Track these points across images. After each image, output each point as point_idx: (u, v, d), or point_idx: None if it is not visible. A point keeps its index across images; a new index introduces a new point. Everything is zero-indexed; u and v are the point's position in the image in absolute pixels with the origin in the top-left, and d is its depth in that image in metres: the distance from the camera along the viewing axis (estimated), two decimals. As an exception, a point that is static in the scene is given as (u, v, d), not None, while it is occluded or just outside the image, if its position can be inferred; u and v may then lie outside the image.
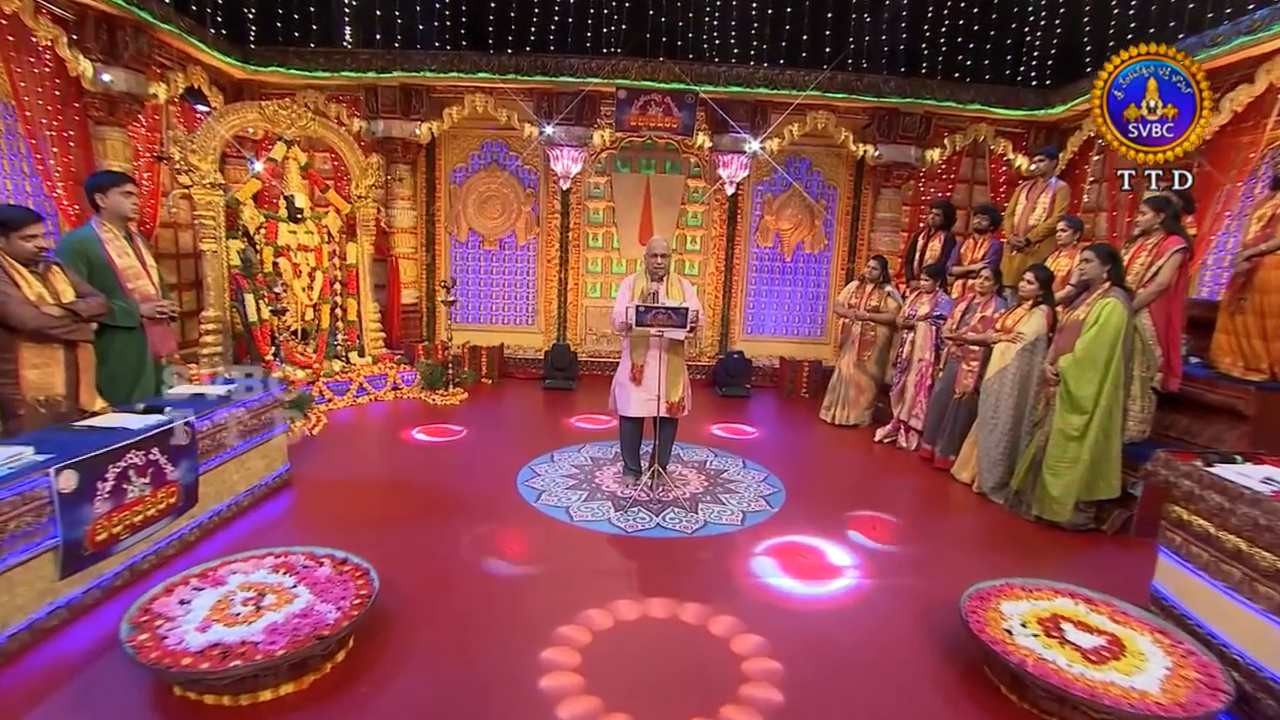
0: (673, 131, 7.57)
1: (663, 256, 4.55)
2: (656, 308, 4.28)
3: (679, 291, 4.64)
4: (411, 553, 3.69)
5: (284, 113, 6.40)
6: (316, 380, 6.49)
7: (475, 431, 5.74)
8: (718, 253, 8.47)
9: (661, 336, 4.42)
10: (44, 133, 5.32)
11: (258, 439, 4.24)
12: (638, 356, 4.59)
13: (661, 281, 4.58)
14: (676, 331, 4.39)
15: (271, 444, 4.40)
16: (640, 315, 4.29)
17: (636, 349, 4.59)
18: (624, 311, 4.41)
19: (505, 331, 8.53)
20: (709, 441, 5.99)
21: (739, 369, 7.89)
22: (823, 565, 3.79)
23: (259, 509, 4.19)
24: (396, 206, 7.91)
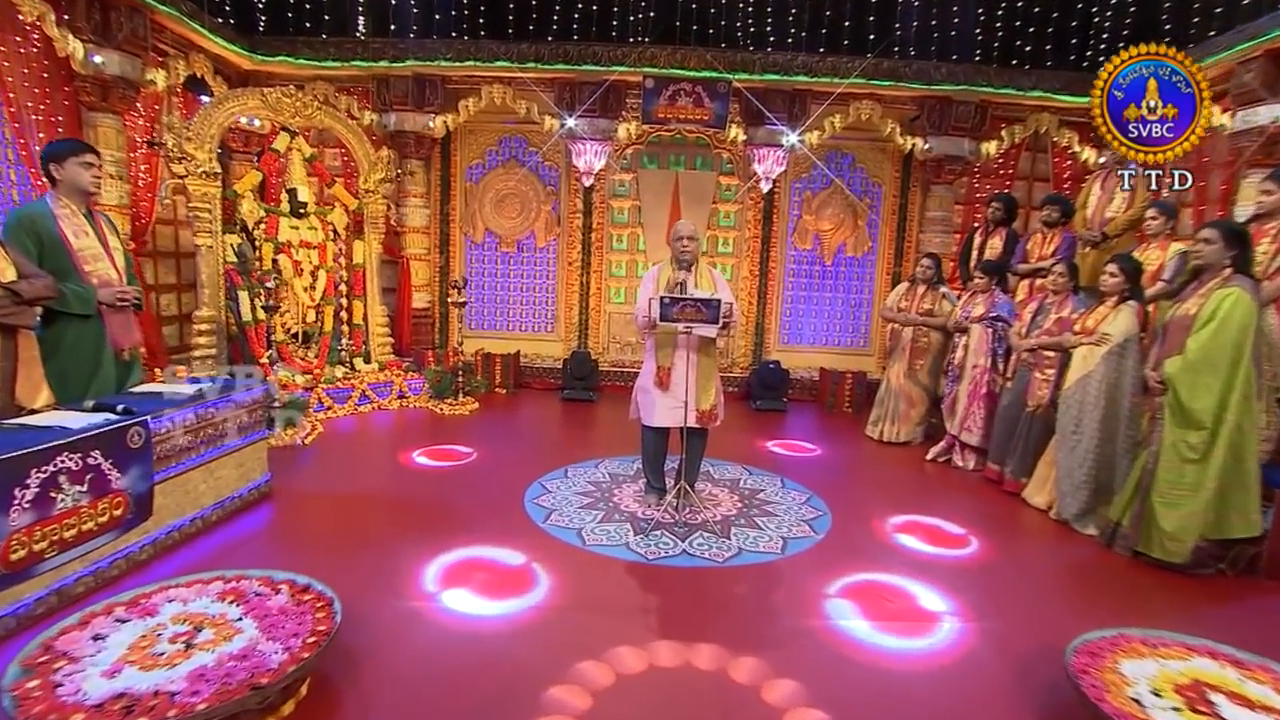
0: (704, 124, 7.12)
1: (690, 239, 4.06)
2: (685, 299, 3.78)
3: (709, 282, 4.14)
4: (393, 580, 3.20)
5: (288, 101, 6.08)
6: (316, 386, 6.10)
7: (485, 451, 5.18)
8: (752, 256, 7.97)
9: (690, 334, 3.91)
10: (30, 117, 5.04)
11: (231, 445, 3.82)
12: (663, 357, 4.09)
13: (690, 270, 4.08)
14: (707, 328, 3.88)
15: (248, 451, 3.97)
16: (665, 309, 3.78)
17: (662, 349, 4.09)
18: (647, 305, 3.91)
19: (522, 339, 8.11)
20: (742, 458, 5.44)
21: (775, 381, 7.33)
22: (884, 604, 3.21)
23: (230, 524, 3.75)
24: (408, 205, 7.57)
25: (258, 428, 4.08)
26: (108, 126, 5.49)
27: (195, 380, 4.00)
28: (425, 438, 5.56)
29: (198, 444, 3.55)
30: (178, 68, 6.06)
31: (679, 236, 4.07)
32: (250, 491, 3.99)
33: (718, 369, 4.27)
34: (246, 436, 3.97)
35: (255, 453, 4.05)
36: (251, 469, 4.01)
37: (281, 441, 5.13)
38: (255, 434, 4.04)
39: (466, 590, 3.15)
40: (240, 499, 3.90)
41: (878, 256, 8.04)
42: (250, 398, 3.99)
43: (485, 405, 6.82)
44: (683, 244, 4.05)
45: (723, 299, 3.81)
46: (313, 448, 5.22)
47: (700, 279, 4.14)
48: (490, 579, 3.28)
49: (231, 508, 3.82)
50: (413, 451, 5.08)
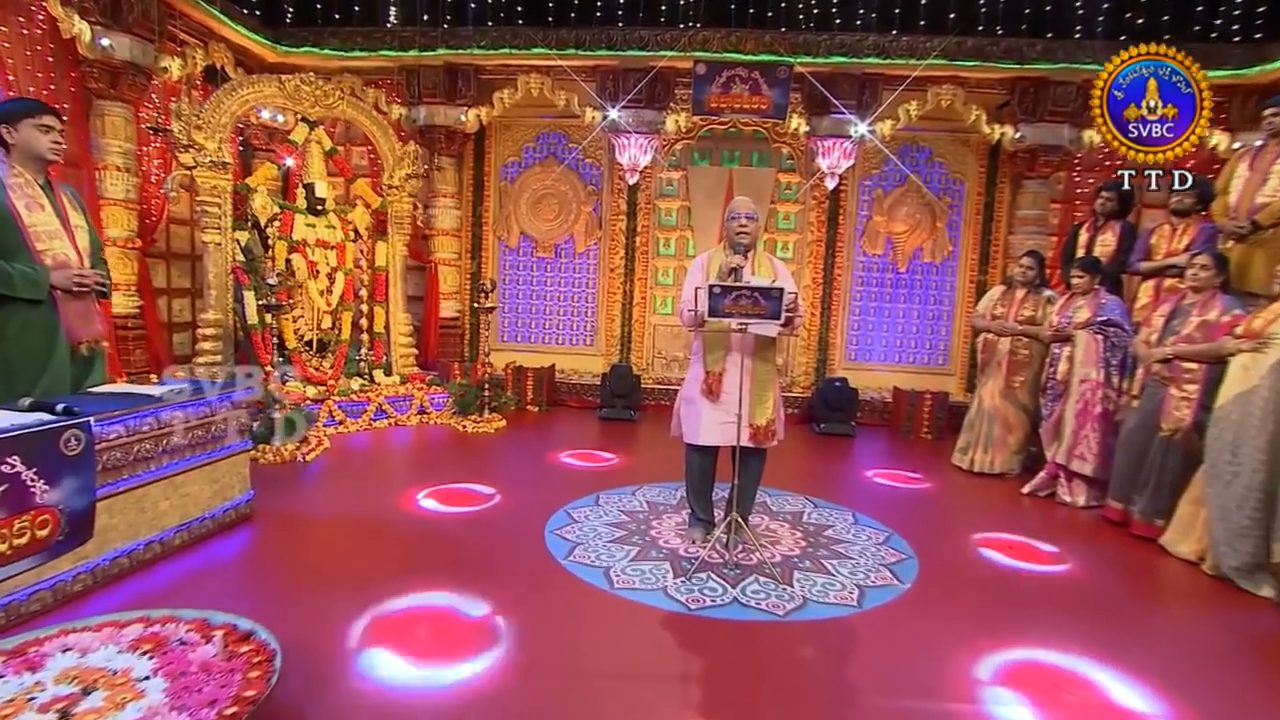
0: (761, 114, 6.60)
1: (749, 219, 3.49)
2: (739, 288, 3.18)
3: (769, 270, 3.56)
4: (371, 628, 2.65)
5: (307, 89, 5.82)
6: (327, 398, 5.70)
7: (506, 482, 4.48)
8: (815, 262, 7.34)
9: (745, 332, 3.31)
10: (29, 101, 4.82)
11: (202, 457, 3.37)
12: (713, 361, 3.50)
13: (746, 257, 3.50)
14: (766, 325, 3.27)
15: (225, 465, 3.52)
16: (715, 300, 3.19)
17: (711, 351, 3.51)
18: (694, 296, 3.34)
19: (559, 352, 7.65)
20: (805, 486, 4.77)
21: (842, 402, 6.64)
22: (1056, 693, 2.50)
23: (196, 550, 3.28)
24: (438, 205, 7.24)
25: (239, 438, 3.63)
26: (116, 115, 5.29)
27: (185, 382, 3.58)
28: (439, 464, 5.06)
29: (158, 453, 3.10)
30: (195, 57, 5.85)
31: (735, 215, 3.51)
32: (226, 512, 3.53)
33: (778, 378, 3.64)
34: (224, 448, 3.52)
35: (234, 467, 3.60)
36: (229, 486, 3.56)
37: (280, 457, 4.71)
38: (235, 445, 3.60)
39: (461, 645, 2.58)
40: (213, 520, 3.44)
41: (959, 262, 7.29)
42: (230, 401, 3.55)
43: (514, 423, 6.33)
44: (740, 224, 3.49)
45: (785, 288, 3.20)
46: (315, 465, 4.78)
47: (758, 267, 3.57)
48: (487, 628, 2.70)
49: (200, 531, 3.36)
50: (418, 492, 4.21)
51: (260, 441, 4.77)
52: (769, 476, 3.92)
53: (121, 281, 5.34)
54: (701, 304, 3.25)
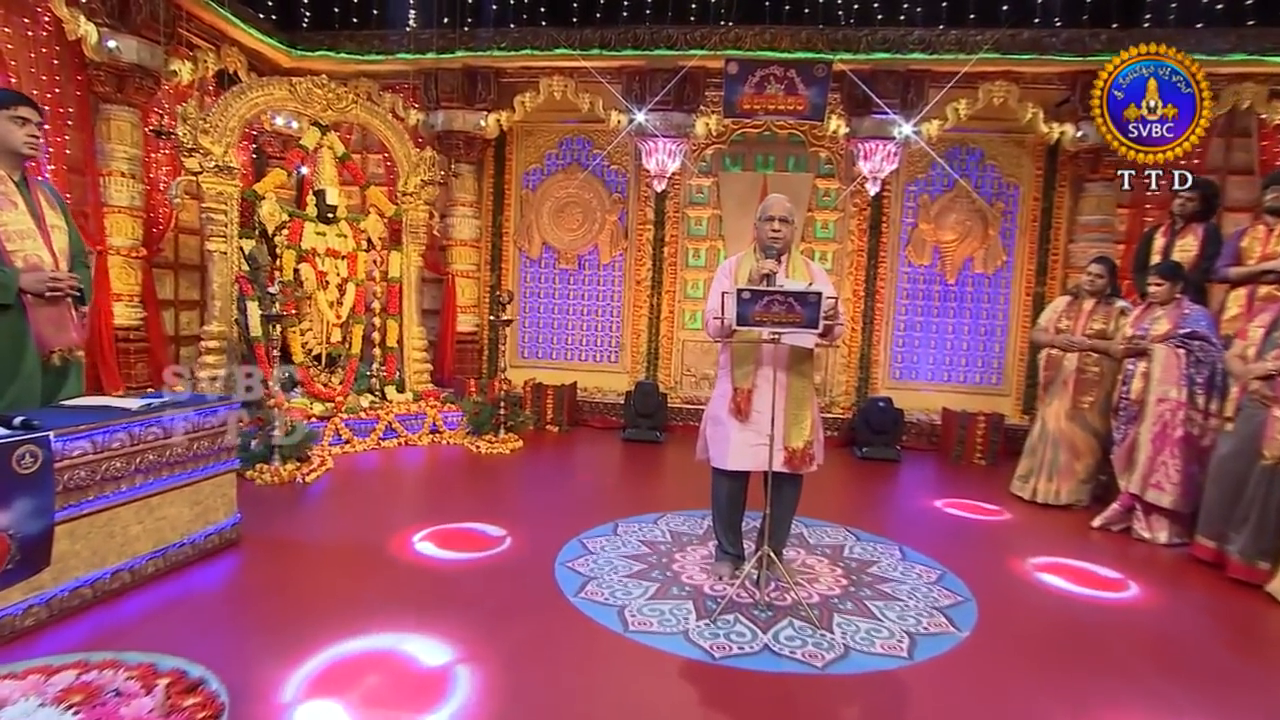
0: (798, 115, 6.34)
1: (783, 221, 3.23)
2: (771, 293, 2.90)
3: (805, 274, 3.29)
4: (333, 676, 2.39)
5: (319, 92, 5.71)
6: (334, 416, 5.53)
7: (518, 525, 3.98)
8: (856, 273, 7.02)
9: (778, 342, 3.02)
10: (33, 105, 4.77)
11: (182, 476, 3.18)
12: (741, 376, 3.22)
13: (780, 261, 3.22)
14: (802, 335, 2.99)
15: (209, 486, 3.33)
16: (745, 306, 2.92)
17: (740, 364, 3.23)
18: (720, 303, 3.07)
19: (582, 369, 7.42)
20: (846, 516, 4.42)
21: (885, 423, 6.27)
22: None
23: (171, 579, 3.08)
24: (456, 214, 7.11)
25: (225, 456, 3.44)
26: (122, 120, 5.23)
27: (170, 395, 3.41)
28: (445, 493, 4.85)
29: (131, 472, 2.91)
30: (207, 61, 5.81)
31: (768, 216, 3.24)
32: (208, 537, 3.32)
33: (815, 394, 3.34)
34: (209, 466, 3.33)
35: (219, 488, 3.40)
36: (212, 508, 3.36)
37: (278, 478, 4.52)
38: (220, 464, 3.40)
39: (428, 697, 2.30)
40: (193, 546, 3.24)
41: (1015, 273, 6.90)
42: (218, 416, 3.36)
43: (531, 444, 6.09)
44: (773, 227, 3.22)
45: (824, 293, 2.91)
46: (315, 488, 4.59)
47: (793, 270, 3.29)
48: (475, 677, 2.42)
49: (178, 558, 3.15)
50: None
51: (258, 461, 4.60)
52: (805, 505, 3.61)
53: (124, 292, 5.26)
54: (728, 311, 2.99)
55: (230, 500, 3.48)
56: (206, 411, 3.31)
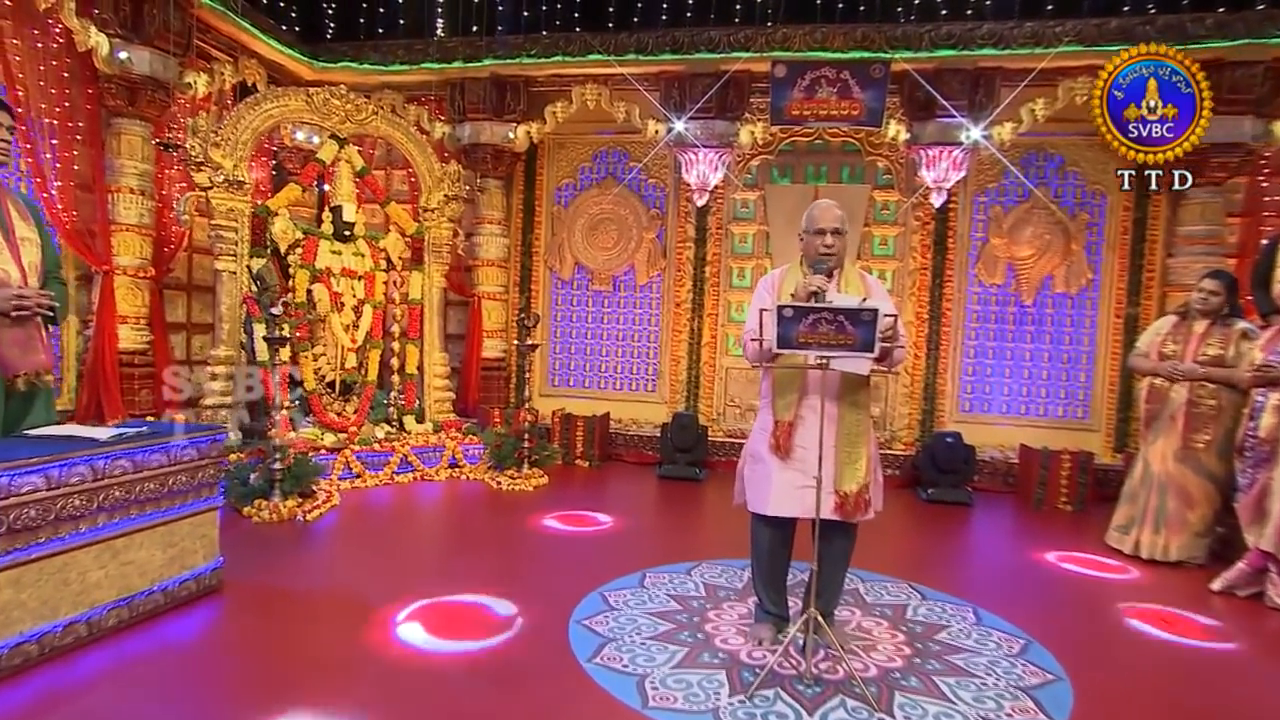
0: (852, 121, 6.07)
1: (835, 234, 2.91)
2: (818, 309, 2.58)
3: (859, 288, 2.97)
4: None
5: (337, 103, 5.67)
6: (345, 448, 5.36)
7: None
8: (919, 294, 6.67)
9: (826, 368, 2.70)
10: (41, 120, 4.80)
11: (154, 515, 2.98)
12: (783, 408, 2.91)
13: (831, 278, 2.90)
14: (854, 360, 2.67)
15: (185, 526, 3.13)
16: (787, 325, 2.61)
17: (782, 393, 2.92)
18: (759, 322, 2.76)
19: (616, 399, 7.19)
20: (910, 570, 4.01)
21: (954, 462, 5.83)
22: None
23: (136, 632, 2.86)
24: (483, 232, 7.00)
25: (206, 492, 3.25)
26: (133, 134, 5.23)
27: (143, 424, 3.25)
28: (455, 536, 4.64)
29: (93, 511, 2.71)
30: (224, 73, 5.81)
31: (817, 229, 2.94)
32: (183, 584, 3.11)
33: (872, 430, 2.99)
34: (186, 504, 3.13)
35: (198, 528, 3.20)
36: (189, 551, 3.15)
37: (278, 515, 4.34)
38: (199, 501, 3.21)
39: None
40: (165, 594, 3.03)
41: (1102, 292, 6.43)
42: (197, 449, 3.18)
43: (558, 480, 5.84)
44: (824, 242, 2.91)
45: (881, 309, 2.57)
46: (318, 526, 4.40)
47: (847, 286, 2.97)
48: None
49: (146, 608, 2.94)
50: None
51: (257, 496, 4.44)
52: (862, 555, 3.25)
53: (130, 314, 5.21)
54: (769, 331, 2.68)
55: (211, 542, 3.28)
56: (186, 443, 3.13)
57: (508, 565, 3.89)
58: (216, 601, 3.22)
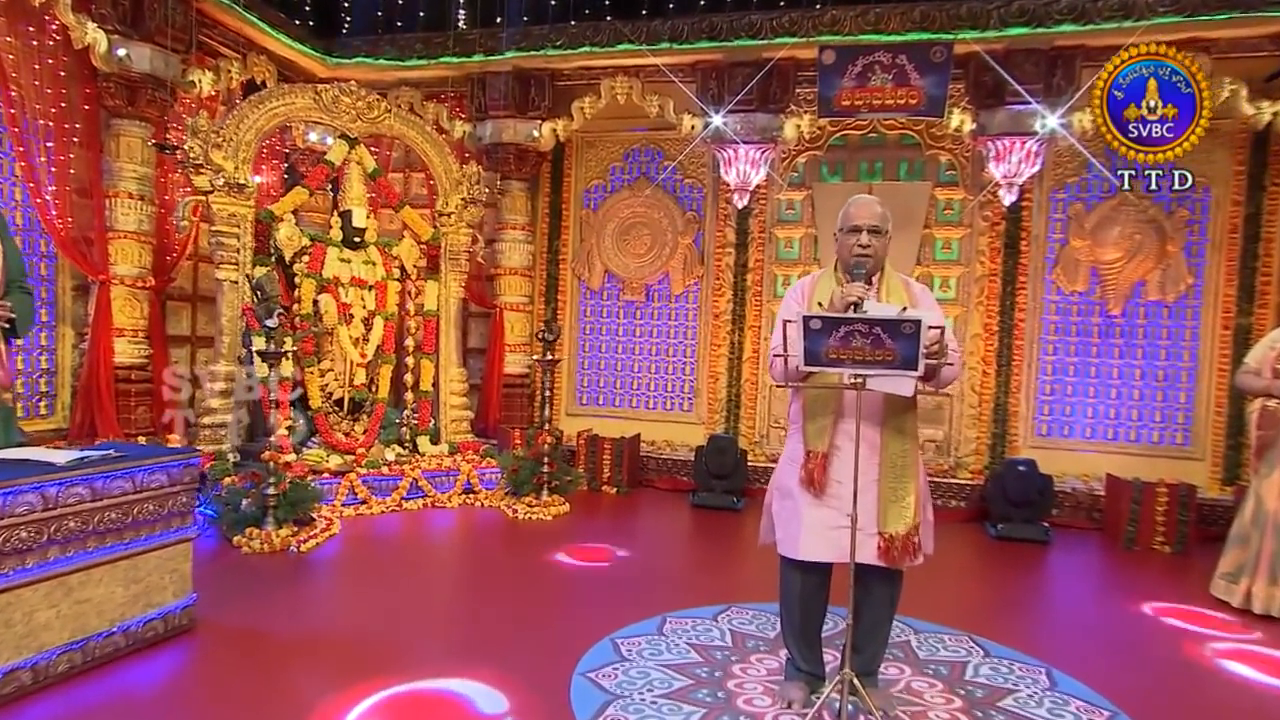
0: (911, 111, 5.86)
1: (873, 233, 2.69)
2: (850, 320, 2.35)
3: (903, 296, 2.73)
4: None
5: (347, 100, 5.65)
6: (350, 471, 5.28)
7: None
8: (987, 303, 6.40)
9: (861, 386, 2.45)
10: (35, 121, 4.86)
11: (117, 548, 2.88)
12: (815, 434, 2.70)
13: (871, 286, 2.68)
14: (895, 379, 2.43)
15: (153, 560, 3.03)
16: (814, 339, 2.39)
17: (814, 417, 2.71)
18: (784, 337, 2.54)
19: (649, 419, 7.10)
20: (971, 620, 3.70)
21: (1028, 493, 5.51)
22: None
23: (93, 680, 2.75)
24: (505, 238, 6.98)
25: (178, 522, 3.15)
26: (133, 136, 5.28)
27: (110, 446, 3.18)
28: (459, 574, 4.50)
29: (43, 544, 2.62)
30: (230, 70, 5.84)
31: (851, 226, 2.73)
32: (149, 624, 3.01)
33: (921, 460, 2.73)
34: (153, 535, 3.03)
35: (168, 561, 3.10)
36: (157, 588, 3.05)
37: (270, 545, 4.25)
38: (170, 532, 3.11)
39: None
40: (127, 636, 2.92)
41: (1205, 299, 6.04)
42: (168, 474, 3.08)
43: (581, 508, 5.71)
44: (859, 241, 2.69)
45: (925, 320, 2.32)
46: (313, 557, 4.30)
47: (888, 293, 2.74)
48: None
49: (103, 651, 2.83)
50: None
51: (249, 524, 4.36)
52: (915, 600, 3.01)
53: (128, 326, 5.23)
54: (794, 345, 2.44)
55: (183, 577, 3.18)
56: (154, 468, 3.03)
57: (509, 610, 3.70)
58: (186, 644, 3.11)
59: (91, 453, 2.97)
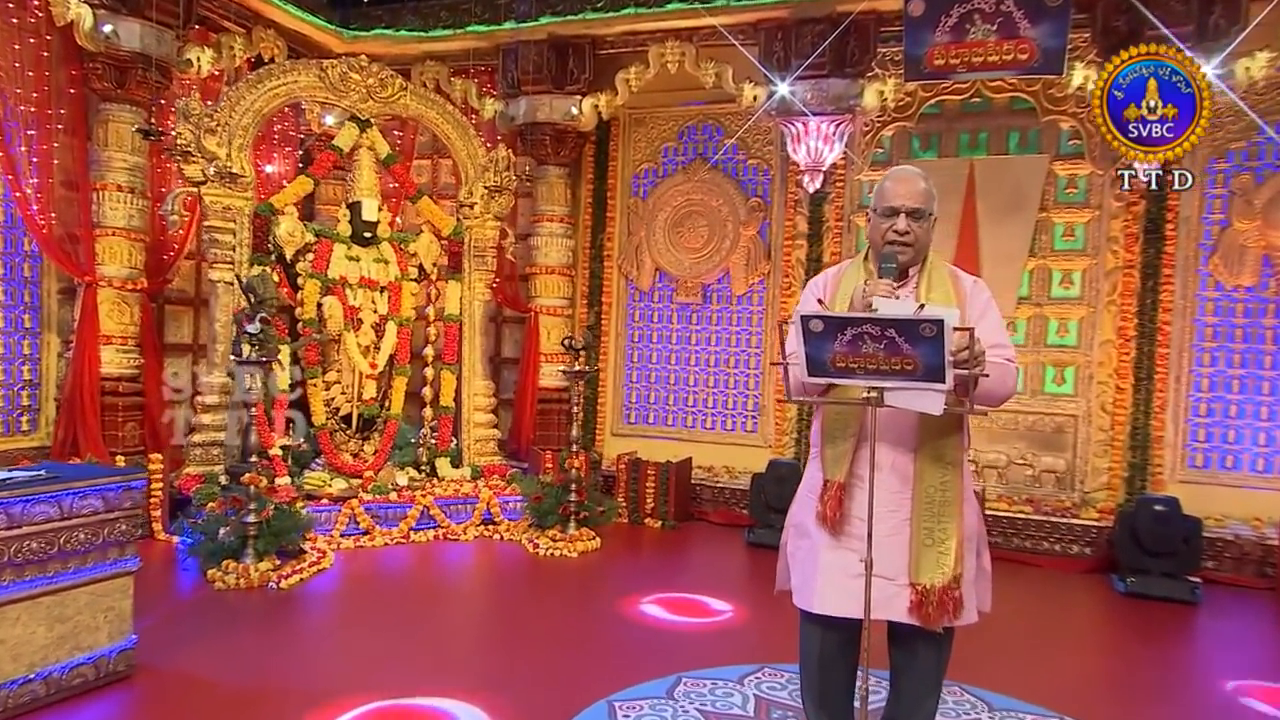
0: (1022, 68, 5.59)
1: (914, 217, 2.47)
2: (859, 320, 2.13)
3: (948, 294, 2.49)
4: None
5: (356, 76, 5.78)
6: (353, 497, 5.34)
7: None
8: (1122, 302, 6.06)
9: (878, 401, 2.23)
10: (15, 107, 5.10)
11: (39, 582, 2.90)
12: (833, 460, 2.50)
13: (907, 280, 2.50)
14: (920, 394, 2.19)
15: (83, 596, 3.05)
16: (817, 344, 2.19)
17: (832, 441, 2.52)
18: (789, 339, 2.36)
19: (708, 441, 7.05)
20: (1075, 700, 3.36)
21: (1169, 540, 5.08)
22: None
23: (2, 732, 2.78)
24: (541, 232, 7.01)
25: (118, 553, 3.17)
26: (122, 122, 5.45)
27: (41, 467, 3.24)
28: (447, 626, 4.39)
29: (-56, 575, 2.66)
30: (233, 47, 6.00)
31: (886, 205, 2.49)
32: (75, 670, 3.01)
33: (971, 495, 2.47)
34: (83, 569, 3.04)
35: (103, 598, 3.11)
36: (88, 628, 3.06)
37: (247, 580, 4.29)
38: (107, 564, 3.12)
39: None
40: (48, 683, 2.93)
41: None
42: (101, 500, 3.10)
43: (615, 543, 5.71)
44: (895, 226, 2.47)
45: (948, 319, 2.07)
46: (294, 596, 4.32)
47: (930, 289, 2.50)
48: None
49: (18, 701, 2.83)
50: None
51: (227, 556, 4.41)
52: (993, 665, 2.71)
53: (116, 333, 5.39)
54: (799, 350, 2.24)
55: (121, 616, 3.19)
56: (86, 491, 3.05)
57: (496, 663, 3.60)
58: (120, 693, 3.12)
59: (20, 473, 3.02)
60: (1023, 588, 5.00)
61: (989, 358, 2.27)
